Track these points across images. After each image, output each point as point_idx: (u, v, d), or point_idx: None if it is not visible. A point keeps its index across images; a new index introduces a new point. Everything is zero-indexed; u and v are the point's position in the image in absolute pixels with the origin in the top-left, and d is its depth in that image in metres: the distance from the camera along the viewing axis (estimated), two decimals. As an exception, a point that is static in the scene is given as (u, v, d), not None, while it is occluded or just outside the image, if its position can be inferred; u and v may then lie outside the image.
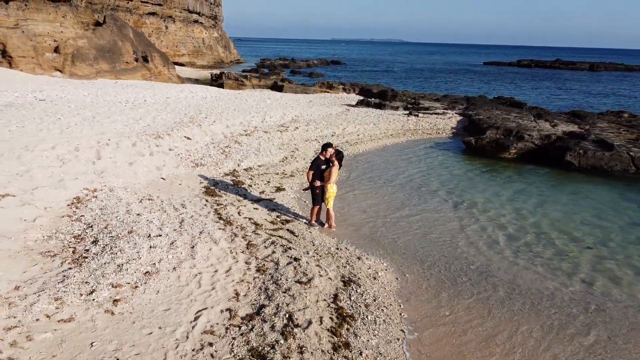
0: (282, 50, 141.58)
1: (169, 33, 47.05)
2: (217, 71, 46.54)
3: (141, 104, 16.68)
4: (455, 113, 23.04)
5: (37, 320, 5.19)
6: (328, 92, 28.55)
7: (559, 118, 21.79)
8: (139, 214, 8.25)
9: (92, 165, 10.10)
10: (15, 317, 5.15)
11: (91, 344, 5.01)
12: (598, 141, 16.68)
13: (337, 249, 8.15)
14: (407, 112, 23.02)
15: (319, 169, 8.92)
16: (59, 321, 5.25)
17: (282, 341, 5.41)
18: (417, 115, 22.07)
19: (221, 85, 29.65)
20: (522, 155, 16.68)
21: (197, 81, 35.18)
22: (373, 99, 25.83)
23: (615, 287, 7.59)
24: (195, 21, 54.30)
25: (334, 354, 5.37)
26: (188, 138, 13.79)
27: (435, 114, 22.67)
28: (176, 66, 36.85)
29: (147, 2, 40.84)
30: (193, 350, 5.13)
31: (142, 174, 10.61)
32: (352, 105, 24.49)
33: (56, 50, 22.85)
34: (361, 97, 26.67)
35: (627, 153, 15.45)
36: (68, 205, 8.34)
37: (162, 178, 10.81)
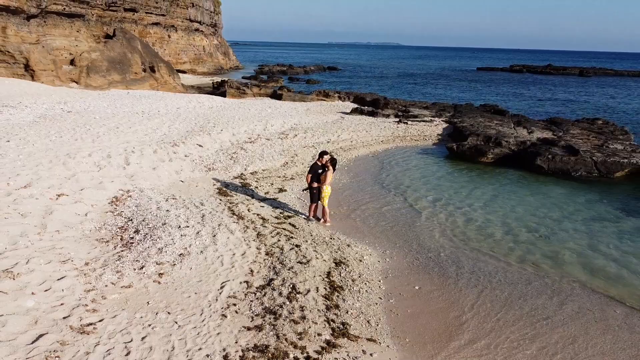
0: (279, 55, 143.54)
1: (172, 42, 48.87)
2: (217, 78, 48.37)
3: (156, 115, 18.48)
4: (442, 120, 24.91)
5: (106, 286, 6.99)
6: (324, 100, 30.39)
7: (537, 125, 23.69)
8: (167, 210, 10.04)
9: (123, 170, 11.89)
10: (90, 284, 6.94)
11: (147, 302, 6.80)
12: (566, 147, 18.56)
13: (331, 238, 9.95)
14: (397, 119, 24.86)
15: (316, 173, 10.72)
16: (121, 287, 7.04)
17: (287, 303, 7.20)
18: (407, 123, 23.93)
19: (223, 94, 31.40)
20: (499, 160, 18.52)
21: (199, 89, 37.01)
22: (366, 107, 27.66)
23: (553, 266, 9.43)
24: (196, 30, 56.15)
25: (327, 311, 7.17)
26: (200, 145, 15.60)
27: (423, 121, 24.53)
28: (179, 74, 38.63)
29: (151, 13, 42.66)
30: (222, 308, 6.92)
31: (164, 177, 12.40)
32: (347, 113, 26.32)
33: (72, 62, 24.64)
34: (355, 105, 28.51)
35: (591, 158, 17.34)
36: (109, 203, 10.13)
37: (181, 181, 12.60)
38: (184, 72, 49.86)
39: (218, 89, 35.40)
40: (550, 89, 52.45)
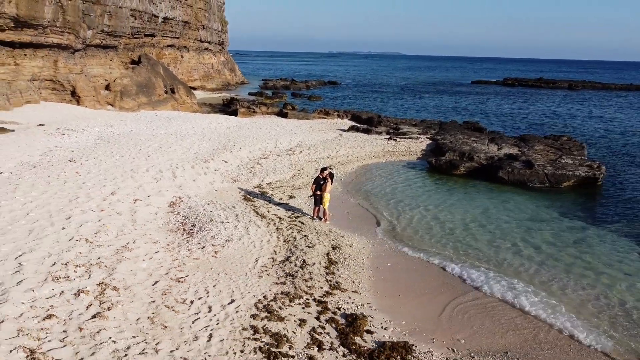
0: (281, 67, 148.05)
1: (184, 61, 52.98)
2: (226, 94, 52.49)
3: (186, 136, 22.36)
4: (427, 137, 28.77)
5: (184, 258, 10.79)
6: (325, 118, 34.31)
7: (508, 142, 27.50)
8: (211, 211, 13.86)
9: (173, 182, 15.74)
10: (174, 256, 10.74)
11: (211, 267, 10.58)
12: (525, 161, 22.38)
13: (330, 231, 13.74)
14: (388, 136, 28.71)
15: (318, 184, 14.54)
16: (193, 259, 10.83)
17: (300, 270, 10.98)
18: (396, 140, 27.80)
19: (235, 112, 35.28)
20: (470, 172, 22.31)
21: (211, 106, 40.99)
22: (362, 125, 31.53)
23: (483, 253, 13.22)
24: (206, 49, 60.32)
25: (326, 275, 10.95)
26: (225, 161, 19.46)
27: (410, 138, 28.41)
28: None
29: (167, 37, 46.76)
30: (258, 272, 10.69)
31: (202, 187, 16.24)
32: (345, 130, 30.19)
33: (107, 87, 28.60)
34: (352, 123, 32.38)
35: (543, 171, 21.16)
36: (168, 205, 13.96)
37: (215, 190, 16.43)
38: (194, 88, 53.87)
39: (229, 107, 39.39)
40: (535, 104, 56.29)
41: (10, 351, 6.36)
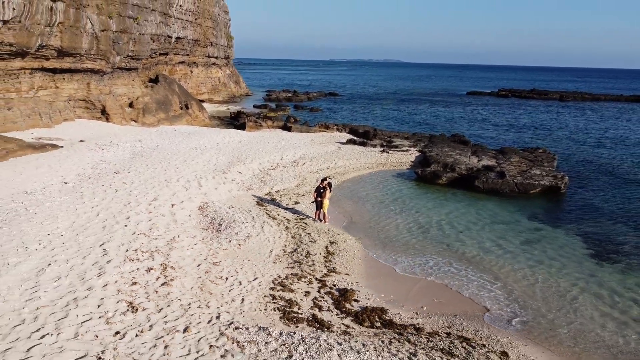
0: (283, 77, 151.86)
1: (194, 76, 56.54)
2: (233, 107, 55.97)
3: (204, 150, 25.73)
4: (416, 150, 32.14)
5: (216, 248, 14.11)
6: (325, 131, 37.71)
7: (488, 154, 30.83)
8: (232, 214, 17.19)
9: (199, 190, 19.10)
10: (209, 248, 14.06)
11: (237, 256, 13.90)
12: (499, 172, 25.70)
13: (329, 230, 17.03)
14: (382, 149, 32.09)
15: (319, 191, 17.85)
16: (223, 249, 14.15)
17: (305, 259, 14.29)
18: (388, 152, 31.17)
19: (242, 126, 38.65)
20: (451, 182, 25.60)
21: (219, 119, 44.46)
22: (358, 138, 34.91)
23: (457, 249, 16.53)
24: (213, 63, 63.92)
25: (325, 263, 14.25)
26: (240, 172, 22.83)
27: (401, 151, 31.78)
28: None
29: (178, 54, 50.33)
30: (272, 260, 13.98)
31: (223, 194, 19.58)
32: (343, 143, 33.55)
33: (130, 105, 32.04)
34: (350, 136, 35.76)
35: (513, 180, 24.48)
36: (198, 209, 17.30)
37: (233, 197, 19.77)
38: (202, 101, 57.35)
39: (237, 120, 42.83)
40: (523, 115, 59.59)
41: (117, 302, 9.69)
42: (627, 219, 20.51)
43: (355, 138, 34.99)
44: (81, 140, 23.85)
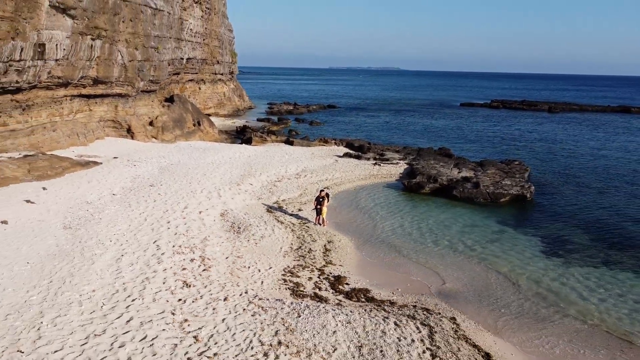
0: (283, 88, 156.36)
1: (201, 92, 60.67)
2: (238, 120, 60.07)
3: (220, 164, 29.68)
4: (405, 162, 36.09)
5: (238, 246, 18.01)
6: (324, 145, 41.69)
7: (468, 166, 34.70)
8: (248, 219, 21.09)
9: (219, 199, 23.03)
10: (233, 245, 17.97)
11: (255, 251, 17.79)
12: (475, 182, 29.60)
13: (326, 232, 20.92)
14: (374, 162, 36.05)
15: (319, 200, 21.77)
16: (244, 247, 18.05)
17: (307, 254, 18.18)
18: (380, 165, 35.12)
19: (249, 140, 42.62)
20: (433, 192, 29.46)
21: (227, 133, 48.48)
22: (354, 152, 38.90)
23: (430, 246, 20.44)
24: (219, 79, 68.10)
25: (324, 257, 18.15)
26: (251, 184, 26.77)
27: (392, 163, 35.75)
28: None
29: (188, 73, 54.46)
30: (282, 254, 17.89)
31: (239, 203, 23.49)
32: (340, 157, 37.49)
33: (151, 124, 36.05)
34: (347, 150, 39.74)
35: (486, 190, 28.40)
36: (220, 215, 21.21)
37: (247, 205, 23.68)
38: (209, 115, 61.41)
39: (243, 134, 46.91)
40: (509, 127, 63.57)
41: (175, 281, 13.60)
42: (581, 223, 24.30)
43: (351, 152, 38.97)
44: (115, 157, 27.78)
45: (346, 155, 37.84)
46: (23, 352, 9.22)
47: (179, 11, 42.62)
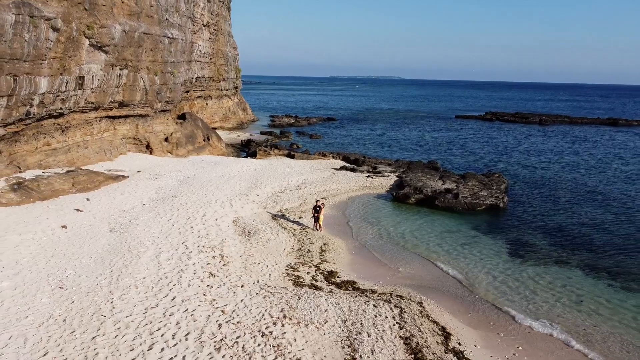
0: (285, 99, 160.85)
1: (208, 107, 64.77)
2: (242, 133, 64.08)
3: (229, 178, 33.57)
4: (395, 175, 39.98)
5: (249, 247, 21.86)
6: (323, 158, 45.62)
7: (451, 178, 38.52)
8: (256, 225, 24.94)
9: (231, 208, 26.91)
10: (245, 246, 21.83)
11: (263, 252, 21.65)
12: (455, 193, 33.47)
13: (323, 236, 24.71)
14: (368, 174, 39.94)
15: (316, 209, 25.61)
16: (253, 248, 21.90)
17: (306, 254, 21.98)
18: (373, 177, 38.99)
19: (254, 153, 46.60)
20: (418, 202, 33.26)
21: (232, 146, 52.47)
22: (349, 165, 42.81)
23: (412, 247, 24.29)
24: (224, 95, 72.26)
25: (320, 256, 21.96)
26: (257, 195, 30.64)
27: (384, 176, 39.63)
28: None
29: (196, 90, 58.59)
30: (285, 253, 21.72)
31: (247, 211, 27.36)
32: (337, 169, 41.35)
33: (166, 140, 40.02)
34: (343, 163, 43.65)
35: (464, 200, 32.25)
36: (233, 222, 25.08)
37: (254, 213, 27.54)
38: (215, 128, 65.52)
39: (247, 147, 50.95)
40: (497, 139, 67.47)
41: (203, 272, 17.46)
42: (543, 228, 28.12)
43: (347, 164, 42.88)
44: (138, 171, 31.68)
45: (342, 168, 41.72)
46: (105, 316, 13.07)
47: (190, 36, 46.77)
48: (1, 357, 10.67)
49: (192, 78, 51.78)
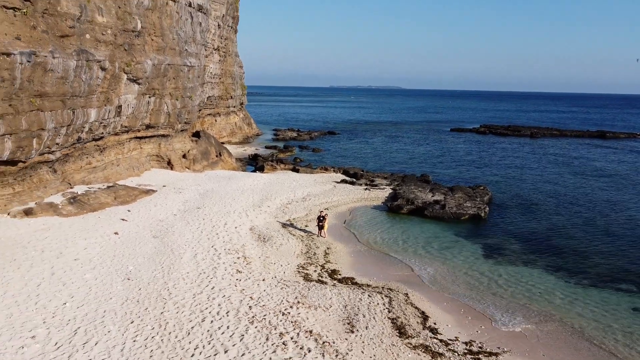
0: (287, 111, 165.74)
1: (217, 124, 69.39)
2: (249, 147, 68.63)
3: (243, 191, 37.96)
4: (390, 188, 44.38)
5: (265, 250, 26.20)
6: (325, 172, 50.07)
7: (441, 190, 42.85)
8: (270, 232, 29.30)
9: (247, 218, 31.29)
10: (261, 249, 26.18)
11: (277, 254, 25.99)
12: (443, 204, 37.83)
13: (326, 241, 29.04)
14: (365, 187, 44.35)
15: (319, 219, 29.97)
16: (270, 251, 26.25)
17: (313, 256, 26.34)
18: (370, 190, 43.41)
19: (262, 168, 51.06)
20: (410, 212, 37.59)
21: (241, 161, 56.97)
22: (349, 178, 47.25)
23: (406, 251, 28.67)
24: (231, 111, 76.94)
25: (325, 257, 26.32)
26: (268, 206, 35.03)
27: (380, 189, 44.05)
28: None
29: (207, 108, 63.21)
30: (295, 255, 26.06)
31: (261, 220, 31.72)
32: (338, 183, 45.75)
33: (184, 156, 44.49)
34: (343, 177, 48.09)
35: (450, 210, 36.61)
36: (249, 230, 29.45)
37: (267, 222, 31.88)
38: (223, 143, 70.07)
39: (255, 162, 55.48)
40: (486, 151, 71.94)
41: (231, 269, 21.82)
42: (519, 235, 32.48)
43: (346, 178, 47.33)
44: (164, 185, 36.11)
45: (342, 181, 46.16)
46: (165, 299, 17.43)
47: (203, 60, 51.47)
48: (103, 321, 15.11)
49: (204, 99, 56.34)
